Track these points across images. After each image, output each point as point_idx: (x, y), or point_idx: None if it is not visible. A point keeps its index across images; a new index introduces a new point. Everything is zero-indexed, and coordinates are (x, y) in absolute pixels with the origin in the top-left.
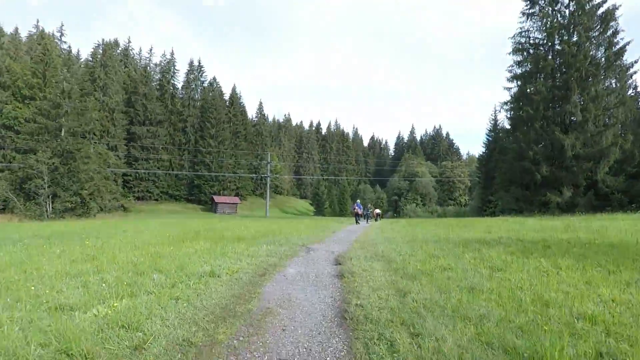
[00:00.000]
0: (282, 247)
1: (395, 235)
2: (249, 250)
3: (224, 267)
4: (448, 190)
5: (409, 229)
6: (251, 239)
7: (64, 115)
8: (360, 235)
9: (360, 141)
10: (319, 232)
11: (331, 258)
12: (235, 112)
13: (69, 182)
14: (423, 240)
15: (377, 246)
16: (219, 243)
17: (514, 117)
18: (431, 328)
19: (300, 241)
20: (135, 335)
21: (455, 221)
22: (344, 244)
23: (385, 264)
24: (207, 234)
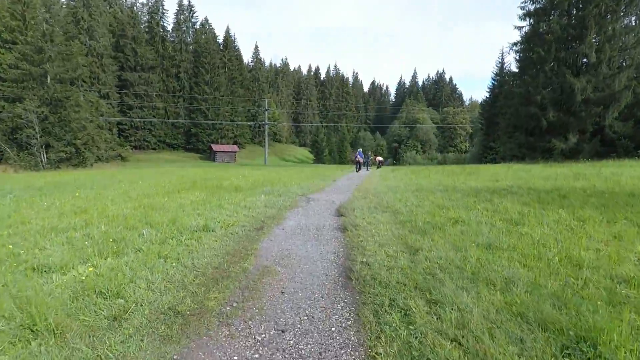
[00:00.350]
0: (280, 198)
1: (398, 183)
2: (246, 201)
3: (219, 220)
4: (449, 137)
5: (412, 177)
6: (249, 188)
7: (48, 60)
8: (362, 184)
9: (361, 86)
10: (319, 180)
11: (332, 209)
12: (230, 57)
13: (61, 132)
14: (429, 190)
15: (380, 196)
16: (216, 193)
17: (524, 59)
18: (450, 294)
19: (300, 190)
20: (115, 302)
21: (458, 168)
22: (346, 193)
23: (390, 216)
24: (204, 183)
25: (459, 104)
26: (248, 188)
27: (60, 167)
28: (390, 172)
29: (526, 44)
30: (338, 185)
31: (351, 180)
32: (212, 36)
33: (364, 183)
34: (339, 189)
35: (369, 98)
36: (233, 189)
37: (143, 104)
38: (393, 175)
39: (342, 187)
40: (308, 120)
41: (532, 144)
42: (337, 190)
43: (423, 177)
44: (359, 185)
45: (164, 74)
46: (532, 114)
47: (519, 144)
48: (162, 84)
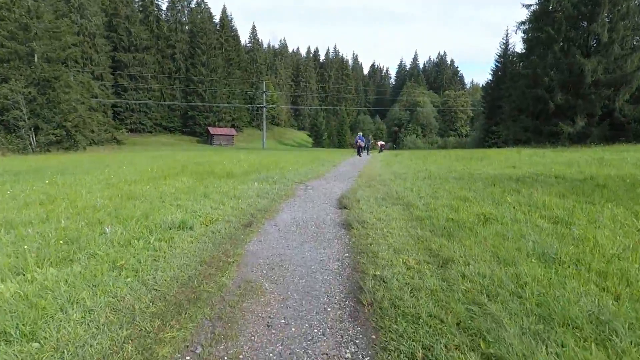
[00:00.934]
0: (275, 186)
1: (405, 170)
2: (236, 190)
3: (200, 214)
4: (449, 121)
5: (419, 162)
6: (242, 174)
7: (34, 38)
8: (365, 170)
9: (360, 69)
10: (319, 165)
11: (334, 199)
12: (227, 37)
13: (50, 114)
14: (441, 177)
15: (388, 184)
16: (204, 180)
17: (531, 38)
18: (518, 346)
19: (297, 177)
20: (25, 349)
21: (466, 153)
22: (348, 180)
23: (403, 210)
24: (195, 168)
25: (460, 87)
26: (241, 174)
27: (50, 150)
28: (393, 156)
29: (534, 22)
30: (339, 170)
31: (353, 165)
32: (208, 16)
33: (366, 169)
34: (340, 175)
35: (368, 81)
36: (224, 175)
37: (138, 86)
38: (397, 160)
39: (344, 173)
40: (307, 103)
41: (538, 128)
42: (339, 177)
43: (431, 162)
44: (362, 171)
45: (159, 55)
46: (539, 97)
47: (525, 127)
48: (157, 65)
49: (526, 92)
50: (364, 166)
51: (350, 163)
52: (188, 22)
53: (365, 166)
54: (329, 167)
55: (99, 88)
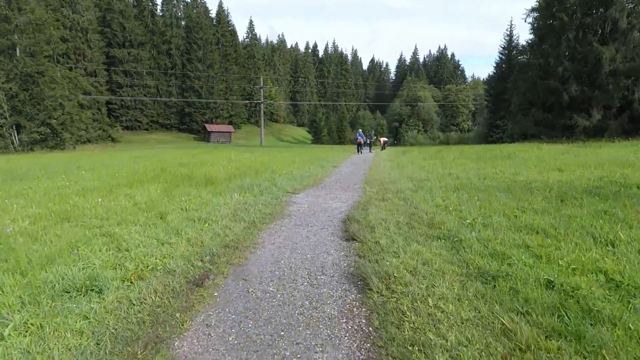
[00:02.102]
0: (261, 198)
1: (423, 173)
2: (207, 206)
3: (133, 256)
4: (451, 116)
5: (434, 162)
6: (224, 180)
7: (15, 31)
8: (371, 172)
9: (360, 64)
10: (317, 167)
11: (337, 220)
12: (224, 32)
13: (34, 111)
14: (477, 187)
15: (408, 197)
16: (177, 188)
17: (542, 26)
18: None
19: (291, 184)
20: None
21: (482, 150)
22: (353, 188)
23: (448, 251)
24: (175, 171)
25: (462, 81)
26: (224, 179)
27: (33, 149)
28: (400, 154)
29: (545, 9)
30: (341, 173)
31: (356, 165)
32: (204, 10)
33: (373, 171)
34: (343, 180)
35: (368, 76)
36: (204, 181)
37: (133, 82)
38: (407, 159)
39: (347, 178)
40: (306, 99)
41: (550, 121)
42: (341, 183)
43: (448, 161)
44: (368, 173)
45: (154, 51)
46: (552, 88)
47: (535, 121)
48: (152, 61)
49: (538, 83)
50: (369, 167)
51: (353, 163)
52: (184, 17)
53: (370, 167)
54: (330, 168)
55: (92, 85)
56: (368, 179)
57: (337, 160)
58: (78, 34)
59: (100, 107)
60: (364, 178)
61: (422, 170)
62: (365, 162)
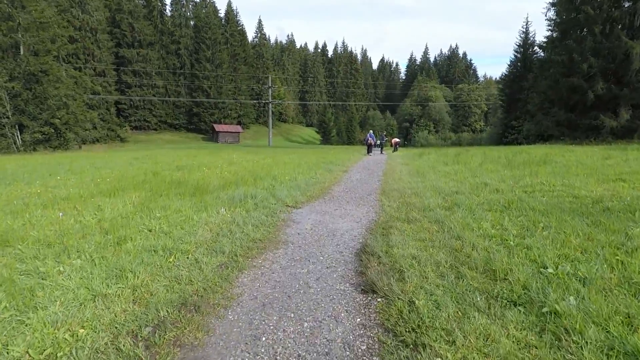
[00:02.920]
0: (253, 214)
1: (448, 183)
2: (183, 227)
3: (25, 333)
4: (463, 116)
5: (458, 168)
6: (217, 188)
7: (18, 29)
8: (387, 179)
9: (369, 64)
10: (325, 172)
11: (348, 254)
12: (232, 32)
13: (36, 110)
14: (534, 207)
15: (438, 216)
16: (159, 199)
17: (565, 21)
18: None
19: (292, 194)
20: None
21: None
22: (367, 200)
23: (537, 332)
24: (167, 175)
25: (474, 80)
26: (216, 187)
27: (36, 149)
28: (416, 157)
29: (569, 2)
30: (352, 180)
31: (368, 170)
32: (213, 10)
33: (389, 177)
34: (355, 189)
35: (378, 76)
36: (194, 189)
37: (142, 82)
38: (425, 163)
39: (359, 186)
40: (315, 99)
41: (573, 122)
42: (352, 194)
43: (475, 168)
44: (383, 180)
45: (163, 51)
46: (575, 86)
47: (557, 121)
48: (161, 61)
49: (560, 81)
50: (383, 172)
51: (364, 167)
52: (193, 16)
53: (385, 172)
54: (338, 174)
55: (101, 85)
56: (384, 189)
57: (347, 164)
58: (87, 34)
59: (109, 107)
60: (380, 186)
61: (447, 178)
62: (378, 165)
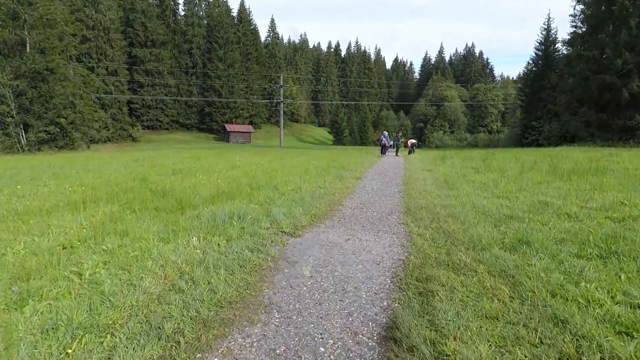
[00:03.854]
0: (233, 247)
1: (492, 199)
2: (132, 270)
3: None
4: (479, 117)
5: (495, 177)
6: (204, 202)
7: (24, 26)
8: (408, 189)
9: (383, 63)
10: (335, 178)
11: (366, 334)
12: (245, 31)
13: (42, 109)
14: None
15: (503, 263)
16: (126, 219)
17: (596, 14)
18: None
19: (291, 214)
20: None
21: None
22: (388, 224)
23: None
24: (156, 182)
25: (491, 80)
26: (204, 201)
27: (41, 149)
28: (438, 160)
29: None
30: (367, 190)
31: (385, 177)
32: (226, 9)
33: (411, 186)
34: (371, 204)
35: (391, 75)
36: (175, 203)
37: (154, 82)
38: (451, 170)
39: (376, 200)
40: (328, 98)
41: (604, 122)
42: (368, 212)
43: (515, 177)
44: (405, 191)
45: (175, 50)
46: (608, 84)
47: (587, 121)
48: (173, 60)
49: (590, 78)
50: (402, 180)
51: (380, 172)
52: (205, 16)
53: (405, 180)
54: (351, 182)
55: (113, 84)
56: (409, 205)
57: (360, 168)
58: (100, 33)
59: (121, 106)
60: (402, 201)
61: (486, 192)
62: (395, 170)
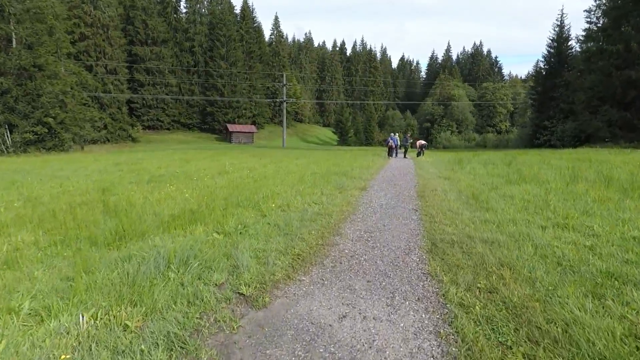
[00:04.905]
0: (151, 330)
1: (555, 230)
2: None
3: None
4: (487, 116)
5: (538, 191)
6: (154, 228)
7: (10, 19)
8: (427, 205)
9: (389, 62)
10: (334, 189)
11: None
12: (248, 29)
13: (28, 108)
14: None
15: None
16: (35, 260)
17: (620, 5)
18: None
19: (264, 253)
20: None
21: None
22: (406, 277)
23: None
24: (116, 194)
25: (499, 79)
26: (162, 224)
27: (27, 150)
28: (455, 165)
29: None
30: (373, 208)
31: (395, 187)
32: (229, 6)
33: (429, 202)
34: (378, 234)
35: (397, 74)
36: (115, 231)
37: (155, 81)
38: (475, 178)
39: (386, 225)
40: (333, 98)
41: (628, 121)
42: (374, 249)
43: (561, 190)
44: (424, 210)
45: (177, 48)
46: (633, 80)
47: (609, 121)
48: (175, 59)
49: (613, 74)
50: (417, 192)
51: (388, 180)
52: (207, 13)
53: (419, 191)
54: (354, 194)
55: (112, 83)
56: (433, 235)
57: (366, 174)
58: (99, 30)
59: (120, 106)
60: (421, 227)
61: (539, 216)
62: (406, 177)
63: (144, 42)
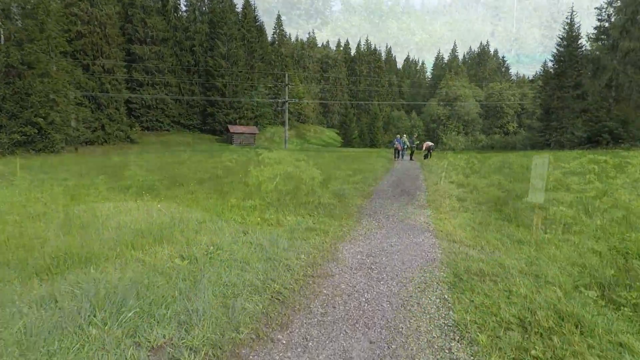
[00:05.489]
0: None
1: None
2: None
3: None
4: (494, 117)
5: (603, 223)
6: (129, 245)
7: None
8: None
9: (394, 62)
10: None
11: None
12: (250, 28)
13: (16, 108)
14: None
15: None
16: None
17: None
18: None
19: (240, 283)
20: None
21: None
22: None
23: None
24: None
25: (506, 79)
26: (131, 242)
27: (15, 152)
28: (467, 170)
29: None
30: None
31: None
32: (230, 4)
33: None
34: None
35: (403, 75)
36: (74, 249)
37: (154, 81)
38: (500, 188)
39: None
40: (336, 99)
41: None
42: (385, 287)
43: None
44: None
45: (176, 47)
46: None
47: (623, 121)
48: (175, 58)
49: (630, 71)
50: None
51: (402, 190)
52: (208, 11)
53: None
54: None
55: (110, 83)
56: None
57: (365, 184)
58: (96, 29)
59: (118, 106)
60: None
61: None
62: (414, 185)
63: (143, 41)
